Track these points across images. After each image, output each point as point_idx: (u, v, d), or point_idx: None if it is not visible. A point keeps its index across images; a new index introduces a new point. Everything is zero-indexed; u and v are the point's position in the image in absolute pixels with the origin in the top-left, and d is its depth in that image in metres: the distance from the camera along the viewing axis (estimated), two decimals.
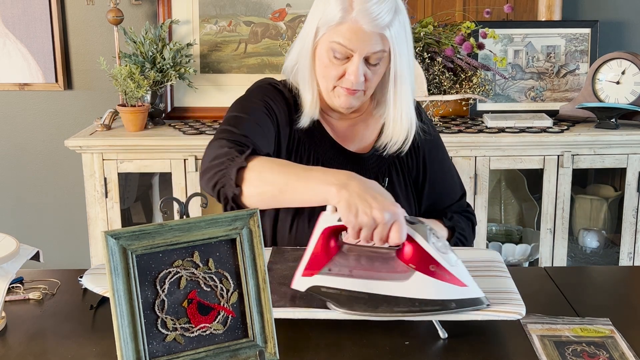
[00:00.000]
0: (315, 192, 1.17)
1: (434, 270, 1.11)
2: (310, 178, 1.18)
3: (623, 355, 1.09)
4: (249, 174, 1.24)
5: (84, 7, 2.74)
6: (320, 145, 1.49)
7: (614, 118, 2.46)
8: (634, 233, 2.51)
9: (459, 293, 1.11)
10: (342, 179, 1.14)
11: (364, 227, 1.10)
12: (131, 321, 0.91)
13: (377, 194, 1.12)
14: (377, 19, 1.33)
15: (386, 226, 1.09)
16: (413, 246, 1.13)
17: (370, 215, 1.09)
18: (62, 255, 2.92)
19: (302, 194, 1.19)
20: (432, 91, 2.52)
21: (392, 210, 1.09)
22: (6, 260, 1.19)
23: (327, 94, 1.43)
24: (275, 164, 1.27)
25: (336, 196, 1.12)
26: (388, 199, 1.12)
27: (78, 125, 2.76)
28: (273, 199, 1.24)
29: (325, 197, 1.15)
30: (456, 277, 1.11)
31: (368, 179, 1.16)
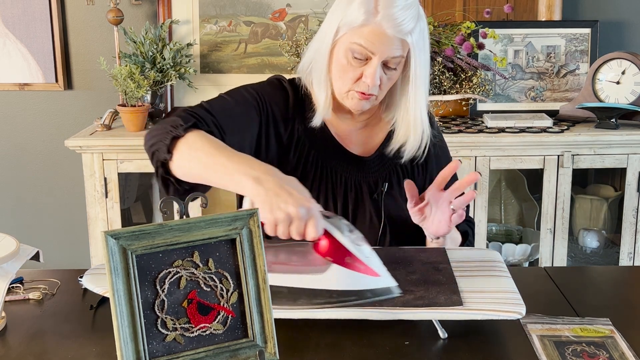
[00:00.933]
0: (233, 180, 1.18)
1: (350, 262, 1.15)
2: (232, 164, 1.19)
3: (623, 355, 1.09)
4: (182, 145, 1.26)
5: (84, 7, 2.74)
6: (321, 145, 1.49)
7: (614, 118, 2.46)
8: (634, 233, 2.51)
9: (373, 283, 1.15)
10: (259, 173, 1.16)
11: (279, 223, 1.12)
12: (131, 321, 0.91)
13: (293, 189, 1.13)
14: (401, 25, 1.32)
15: (302, 221, 1.11)
16: (329, 240, 1.16)
17: (285, 211, 1.11)
18: (62, 255, 2.92)
19: (222, 179, 1.21)
20: (432, 91, 2.52)
21: (307, 206, 1.11)
22: (6, 260, 1.19)
23: (340, 95, 1.42)
24: (209, 142, 1.26)
25: (251, 190, 1.14)
26: (304, 194, 1.14)
27: (78, 125, 2.76)
28: (198, 175, 1.26)
29: (242, 188, 1.17)
30: (370, 268, 1.15)
31: (286, 175, 1.17)
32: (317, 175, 1.48)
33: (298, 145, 1.48)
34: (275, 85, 1.50)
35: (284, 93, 1.49)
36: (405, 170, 1.52)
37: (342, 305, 1.13)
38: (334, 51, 1.40)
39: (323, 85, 1.43)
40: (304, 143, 1.48)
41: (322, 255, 1.17)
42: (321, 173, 1.48)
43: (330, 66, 1.41)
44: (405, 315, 1.12)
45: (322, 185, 1.48)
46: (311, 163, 1.48)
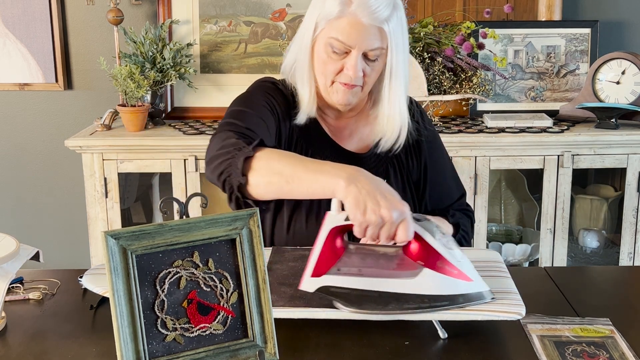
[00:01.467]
0: (323, 184, 1.16)
1: (442, 266, 1.13)
2: (318, 170, 1.18)
3: (623, 355, 1.09)
4: (257, 163, 1.24)
5: (84, 7, 2.74)
6: (317, 144, 1.49)
7: (614, 118, 2.46)
8: (634, 233, 2.51)
9: (465, 288, 1.12)
10: (351, 174, 1.14)
11: (371, 225, 1.10)
12: (131, 321, 0.91)
13: (386, 192, 1.12)
14: (375, 12, 1.33)
15: (394, 225, 1.09)
16: (420, 243, 1.14)
17: (378, 214, 1.09)
18: (62, 255, 2.92)
19: (310, 186, 1.19)
20: (432, 91, 2.52)
21: (400, 209, 1.10)
22: (6, 260, 1.19)
23: (325, 90, 1.43)
24: (283, 155, 1.26)
25: (344, 191, 1.12)
26: (396, 197, 1.12)
27: (78, 125, 2.76)
28: (280, 189, 1.23)
29: (333, 190, 1.14)
30: (463, 272, 1.13)
31: (376, 177, 1.15)
32: None
33: (297, 144, 1.48)
34: (272, 88, 1.51)
35: (282, 93, 1.50)
36: (401, 164, 1.52)
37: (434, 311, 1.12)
38: (314, 47, 1.41)
39: (307, 83, 1.44)
40: (301, 142, 1.49)
41: (413, 259, 1.15)
42: None
43: (313, 63, 1.42)
44: (405, 315, 1.12)
45: None
46: None
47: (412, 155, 1.53)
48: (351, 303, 1.13)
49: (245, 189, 1.26)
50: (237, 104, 1.47)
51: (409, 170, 1.53)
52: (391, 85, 1.43)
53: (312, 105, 1.45)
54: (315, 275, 1.14)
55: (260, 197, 1.27)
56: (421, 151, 1.54)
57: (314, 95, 1.45)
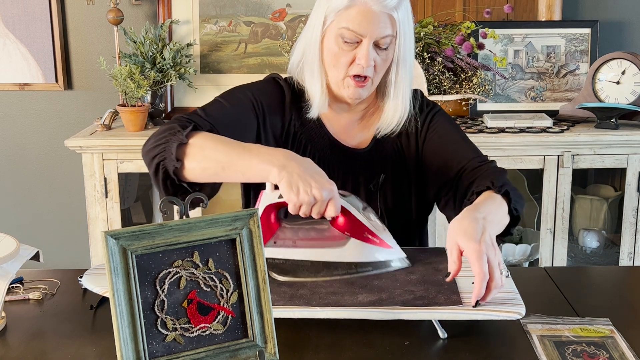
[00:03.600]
0: (257, 170, 1.24)
1: (366, 237, 1.27)
2: (252, 157, 1.25)
3: (623, 355, 1.09)
4: (191, 149, 1.29)
5: (84, 7, 2.74)
6: (317, 140, 1.49)
7: (614, 118, 2.46)
8: (634, 233, 2.51)
9: (387, 255, 1.28)
10: (281, 160, 1.22)
11: (304, 204, 1.19)
12: (131, 321, 0.91)
13: (315, 173, 1.21)
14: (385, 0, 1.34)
15: (324, 202, 1.19)
16: (347, 217, 1.27)
17: (310, 194, 1.18)
18: (62, 255, 2.92)
19: (245, 172, 1.26)
20: (432, 91, 2.52)
21: (329, 188, 1.19)
22: (6, 260, 1.19)
23: (337, 85, 1.43)
24: (217, 141, 1.30)
25: (277, 176, 1.20)
26: (324, 177, 1.21)
27: (78, 125, 2.76)
28: (215, 174, 1.29)
29: (266, 176, 1.23)
30: (384, 241, 1.28)
31: (304, 158, 1.23)
32: None
33: (295, 141, 1.49)
34: (269, 83, 1.51)
35: (279, 89, 1.50)
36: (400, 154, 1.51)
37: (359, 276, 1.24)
38: (324, 41, 1.41)
39: (317, 78, 1.44)
40: (300, 139, 1.49)
41: (341, 231, 1.28)
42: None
43: (323, 57, 1.42)
44: (405, 315, 1.12)
45: None
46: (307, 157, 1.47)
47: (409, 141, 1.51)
48: (286, 272, 1.26)
49: (180, 172, 1.30)
50: (222, 94, 1.49)
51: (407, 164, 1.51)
52: (398, 74, 1.44)
53: (324, 100, 1.46)
54: None
55: (195, 181, 1.32)
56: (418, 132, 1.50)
57: (325, 90, 1.45)
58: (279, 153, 1.24)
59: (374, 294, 1.18)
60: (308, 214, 1.20)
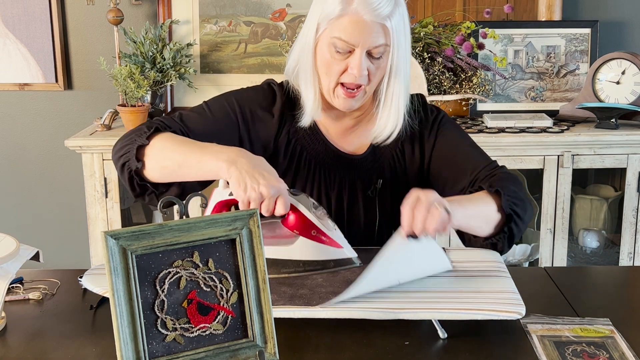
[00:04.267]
0: (208, 167, 1.27)
1: (315, 235, 1.27)
2: (204, 154, 1.28)
3: (623, 355, 1.09)
4: (151, 150, 1.34)
5: (84, 7, 2.74)
6: (313, 146, 1.48)
7: (614, 118, 2.46)
8: (634, 233, 2.51)
9: (337, 254, 1.27)
10: (231, 156, 1.24)
11: (252, 201, 1.20)
12: (131, 321, 0.91)
13: (264, 170, 1.22)
14: (377, 9, 1.32)
15: (272, 200, 1.20)
16: (296, 215, 1.27)
17: (257, 191, 1.19)
18: (62, 255, 2.92)
19: (198, 169, 1.29)
20: (432, 91, 2.52)
21: (277, 186, 1.20)
22: (6, 260, 1.19)
23: (329, 93, 1.42)
24: (174, 141, 1.35)
25: (226, 172, 1.23)
26: (273, 175, 1.22)
27: (78, 125, 2.76)
28: (173, 172, 1.34)
29: (217, 172, 1.26)
30: (334, 240, 1.27)
31: (256, 156, 1.26)
32: (310, 176, 1.48)
33: (289, 147, 1.47)
34: (262, 90, 1.50)
35: (271, 96, 1.49)
36: (398, 161, 1.51)
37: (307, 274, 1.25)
38: (317, 49, 1.40)
39: (310, 85, 1.43)
40: (295, 145, 1.48)
41: (289, 229, 1.28)
42: (314, 174, 1.48)
43: (316, 64, 1.42)
44: (405, 315, 1.12)
45: (315, 186, 1.47)
46: (303, 165, 1.47)
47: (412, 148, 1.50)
48: None
49: (141, 172, 1.35)
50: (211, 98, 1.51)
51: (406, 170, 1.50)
52: (390, 83, 1.42)
53: (317, 107, 1.44)
54: None
55: (157, 181, 1.37)
56: (423, 139, 1.50)
57: (319, 97, 1.44)
58: (231, 150, 1.27)
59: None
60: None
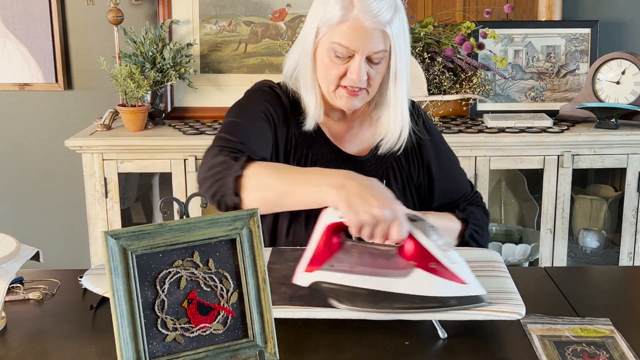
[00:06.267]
0: (314, 195, 1.19)
1: (434, 267, 1.12)
2: (308, 181, 1.21)
3: (623, 355, 1.09)
4: (247, 181, 1.26)
5: (84, 7, 2.74)
6: (317, 148, 1.48)
7: (614, 118, 2.46)
8: (634, 233, 2.51)
9: (459, 290, 1.12)
10: (339, 180, 1.17)
11: (365, 225, 1.12)
12: (131, 321, 0.91)
13: (377, 191, 1.14)
14: (378, 15, 1.33)
15: (387, 223, 1.11)
16: (414, 243, 1.13)
17: (370, 214, 1.11)
18: (62, 255, 2.92)
19: (302, 198, 1.21)
20: (432, 91, 2.52)
21: (392, 208, 1.12)
22: (6, 260, 1.19)
23: (329, 95, 1.42)
24: (272, 169, 1.28)
25: (336, 197, 1.15)
26: (388, 196, 1.14)
27: (78, 125, 2.76)
28: (274, 204, 1.27)
29: (325, 199, 1.17)
30: (456, 275, 1.12)
31: (367, 177, 1.17)
32: None
33: (297, 149, 1.48)
34: (269, 94, 1.50)
35: (279, 99, 1.49)
36: (400, 165, 1.51)
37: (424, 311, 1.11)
38: (316, 53, 1.40)
39: (311, 89, 1.43)
40: (301, 147, 1.48)
41: (406, 259, 1.14)
42: None
43: (315, 68, 1.41)
44: (405, 315, 1.12)
45: None
46: (310, 166, 1.47)
47: (413, 158, 1.52)
48: (343, 299, 1.13)
49: (240, 207, 1.28)
50: (232, 114, 1.46)
51: (410, 173, 1.52)
52: (395, 87, 1.42)
53: (319, 111, 1.45)
54: (308, 270, 1.16)
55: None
56: (422, 153, 1.53)
57: (320, 100, 1.44)
58: (339, 174, 1.19)
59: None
60: (371, 236, 1.13)
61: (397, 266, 1.14)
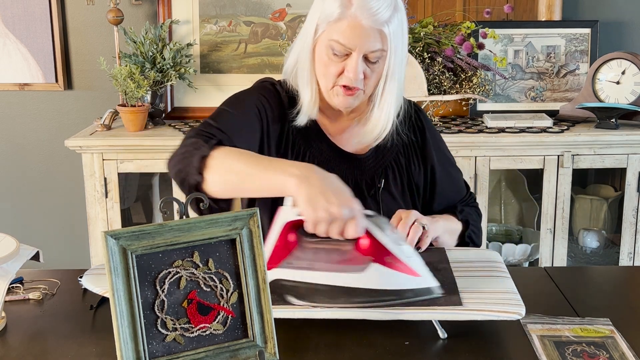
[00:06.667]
0: (276, 182, 1.19)
1: (390, 262, 1.15)
2: (272, 168, 1.21)
3: (623, 355, 1.09)
4: (212, 162, 1.26)
5: (84, 7, 2.74)
6: (315, 145, 1.49)
7: (614, 118, 2.46)
8: (634, 233, 2.51)
9: (414, 283, 1.14)
10: (303, 172, 1.17)
11: (321, 222, 1.12)
12: (131, 321, 0.91)
13: (337, 189, 1.15)
14: (376, 14, 1.33)
15: (343, 221, 1.12)
16: (370, 239, 1.16)
17: (328, 211, 1.11)
18: (62, 255, 2.92)
19: (263, 184, 1.21)
20: (432, 91, 2.52)
21: (350, 206, 1.12)
22: (6, 260, 1.19)
23: (327, 93, 1.43)
24: (239, 154, 1.28)
25: (296, 189, 1.15)
26: (347, 194, 1.15)
27: (78, 125, 2.76)
28: (235, 187, 1.26)
29: (284, 188, 1.17)
30: (411, 268, 1.15)
31: (329, 173, 1.18)
32: None
33: (294, 147, 1.48)
34: (268, 89, 1.50)
35: (277, 95, 1.49)
36: (400, 165, 1.52)
37: (381, 305, 1.13)
38: (315, 49, 1.41)
39: (308, 85, 1.44)
40: (299, 144, 1.48)
41: (362, 254, 1.16)
42: None
43: (314, 65, 1.42)
44: (405, 315, 1.12)
45: None
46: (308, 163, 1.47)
47: (413, 157, 1.53)
48: (302, 297, 1.14)
49: (201, 187, 1.27)
50: (225, 102, 1.48)
51: (410, 173, 1.52)
52: (386, 86, 1.42)
53: (313, 106, 1.45)
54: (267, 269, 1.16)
55: (218, 195, 1.28)
56: (427, 155, 1.54)
57: (316, 96, 1.45)
58: (302, 165, 1.19)
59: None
60: (326, 232, 1.13)
61: (354, 261, 1.16)
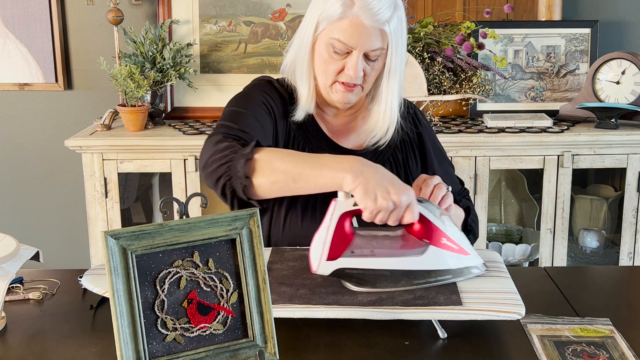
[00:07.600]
0: (330, 179, 1.21)
1: (445, 243, 1.22)
2: (323, 166, 1.22)
3: (623, 355, 1.09)
4: (258, 164, 1.26)
5: (84, 7, 2.74)
6: (314, 142, 1.49)
7: (614, 118, 2.46)
8: (634, 233, 2.51)
9: (465, 261, 1.22)
10: (355, 166, 1.19)
11: (382, 211, 1.15)
12: (131, 321, 0.91)
13: (391, 178, 1.18)
14: (378, 14, 1.34)
15: (402, 209, 1.15)
16: (423, 223, 1.22)
17: (389, 200, 1.14)
18: (62, 255, 2.92)
19: (317, 182, 1.23)
20: (432, 91, 2.52)
21: (408, 193, 1.16)
22: (6, 260, 1.19)
23: (325, 90, 1.44)
24: (283, 153, 1.29)
25: (352, 183, 1.17)
26: (401, 183, 1.18)
27: (78, 125, 2.76)
28: (286, 187, 1.26)
29: (341, 184, 1.19)
30: (463, 248, 1.22)
31: (377, 164, 1.20)
32: None
33: (294, 143, 1.49)
34: (269, 87, 1.51)
35: (277, 92, 1.51)
36: (397, 161, 1.52)
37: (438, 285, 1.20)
38: (315, 47, 1.42)
39: (305, 80, 1.45)
40: (298, 140, 1.49)
41: (419, 238, 1.23)
42: None
43: (313, 62, 1.43)
44: (405, 315, 1.12)
45: None
46: None
47: (410, 152, 1.54)
48: (365, 283, 1.19)
49: (248, 190, 1.27)
50: (232, 104, 1.47)
51: (408, 169, 1.53)
52: (389, 84, 1.44)
53: (310, 102, 1.46)
54: (330, 259, 1.19)
55: (265, 197, 1.29)
56: (424, 149, 1.55)
57: (313, 92, 1.46)
58: (351, 159, 1.21)
59: (374, 294, 1.17)
60: (385, 221, 1.17)
61: (412, 246, 1.22)
